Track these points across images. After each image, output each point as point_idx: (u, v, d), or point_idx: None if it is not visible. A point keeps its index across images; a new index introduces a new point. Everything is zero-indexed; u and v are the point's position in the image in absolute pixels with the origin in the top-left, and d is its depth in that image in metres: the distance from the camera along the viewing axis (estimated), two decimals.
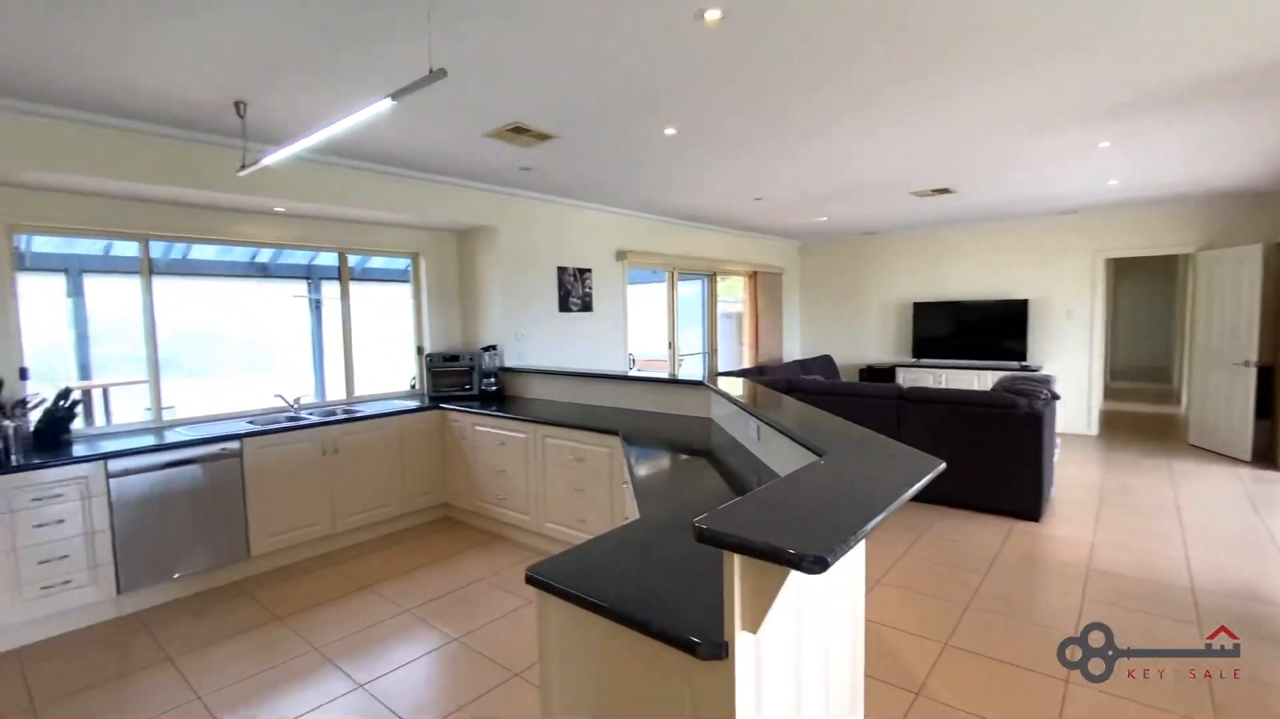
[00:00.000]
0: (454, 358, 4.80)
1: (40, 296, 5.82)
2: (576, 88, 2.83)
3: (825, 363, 7.97)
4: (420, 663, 2.67)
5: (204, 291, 7.53)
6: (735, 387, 3.39)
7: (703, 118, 3.28)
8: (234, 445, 3.49)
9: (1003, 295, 7.35)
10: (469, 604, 3.20)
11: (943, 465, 1.55)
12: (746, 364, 8.11)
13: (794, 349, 8.98)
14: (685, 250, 6.71)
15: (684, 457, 2.80)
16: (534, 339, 5.18)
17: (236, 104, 2.85)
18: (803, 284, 9.06)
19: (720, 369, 7.73)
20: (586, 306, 5.62)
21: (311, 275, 8.34)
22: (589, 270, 5.63)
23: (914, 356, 7.95)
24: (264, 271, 8.00)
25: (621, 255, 5.93)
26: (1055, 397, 4.58)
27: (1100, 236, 6.71)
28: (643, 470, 2.58)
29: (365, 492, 4.08)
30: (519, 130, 3.41)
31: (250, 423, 3.88)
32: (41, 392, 3.31)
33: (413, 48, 2.31)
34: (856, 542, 1.06)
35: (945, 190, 5.39)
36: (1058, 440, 5.04)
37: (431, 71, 1.86)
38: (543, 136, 3.53)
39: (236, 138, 3.28)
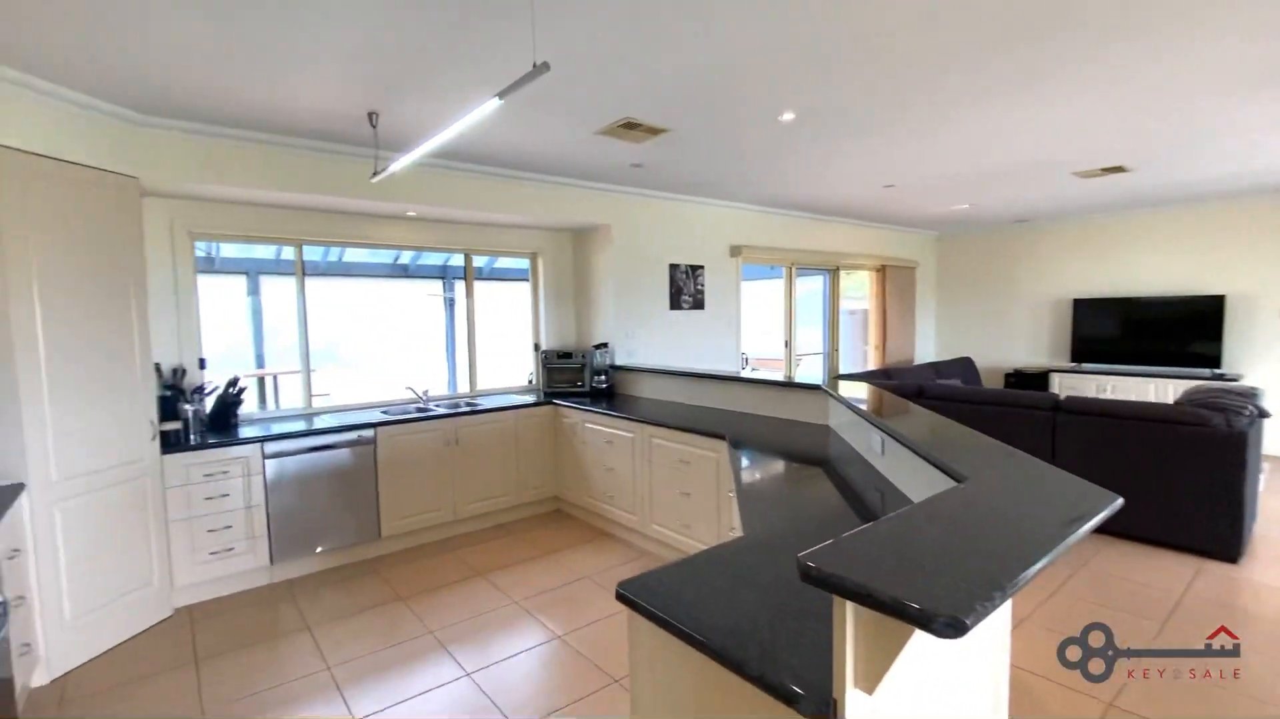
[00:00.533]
0: (567, 355, 4.89)
1: (227, 296, 6.74)
2: (687, 77, 2.71)
3: (964, 366, 7.23)
4: (523, 658, 2.70)
5: (355, 291, 8.33)
6: (856, 391, 3.11)
7: (825, 100, 3.03)
8: (369, 433, 3.77)
9: (1190, 291, 6.24)
10: (574, 602, 3.21)
11: (1119, 502, 1.26)
12: (872, 366, 7.57)
13: (928, 350, 8.25)
14: (805, 244, 6.37)
15: (797, 466, 2.59)
16: (644, 337, 5.14)
17: (370, 115, 3.04)
18: (939, 279, 8.30)
19: (841, 371, 7.27)
20: (698, 304, 5.49)
21: (445, 275, 8.94)
22: (701, 267, 5.49)
23: (1073, 361, 6.99)
24: (404, 272, 8.69)
25: (736, 251, 5.73)
26: (1263, 414, 3.77)
27: None
28: (751, 479, 2.42)
29: (483, 482, 4.25)
30: (630, 125, 3.35)
31: (384, 412, 4.18)
32: (215, 379, 3.76)
33: (518, 45, 2.32)
34: (1004, 599, 0.86)
35: (1118, 169, 4.63)
36: (1264, 466, 4.17)
37: (535, 66, 1.83)
38: (654, 131, 3.45)
39: (369, 147, 3.53)
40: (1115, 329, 6.71)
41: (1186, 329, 6.21)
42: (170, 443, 3.18)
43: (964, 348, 8.05)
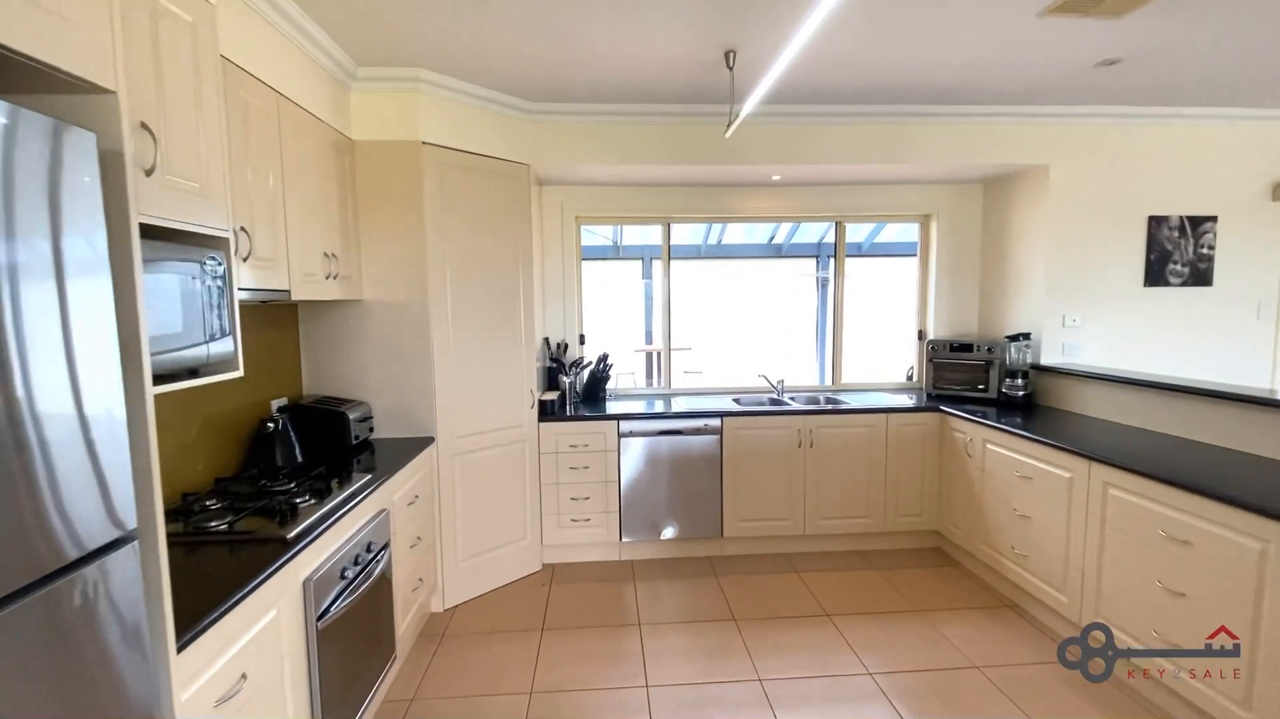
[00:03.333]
0: (965, 347, 3.71)
1: (627, 278, 7.54)
2: None
3: None
4: None
5: (731, 271, 8.42)
6: None
7: None
8: (715, 423, 3.45)
9: None
10: (954, 700, 2.26)
11: None
12: None
13: None
14: None
15: None
16: (1095, 326, 3.54)
17: (726, 54, 2.58)
18: None
19: None
20: (1200, 277, 3.53)
21: (820, 253, 8.32)
22: (1210, 220, 3.50)
23: None
24: (778, 252, 8.40)
25: None
26: None
27: None
28: None
29: (840, 495, 3.53)
30: None
31: (735, 400, 3.84)
32: (599, 354, 3.97)
33: None
34: None
35: None
36: None
37: None
38: None
39: (723, 103, 3.10)
40: None
41: None
42: (546, 412, 3.42)
43: None
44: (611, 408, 3.60)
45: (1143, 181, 3.47)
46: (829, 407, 3.54)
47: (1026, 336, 3.47)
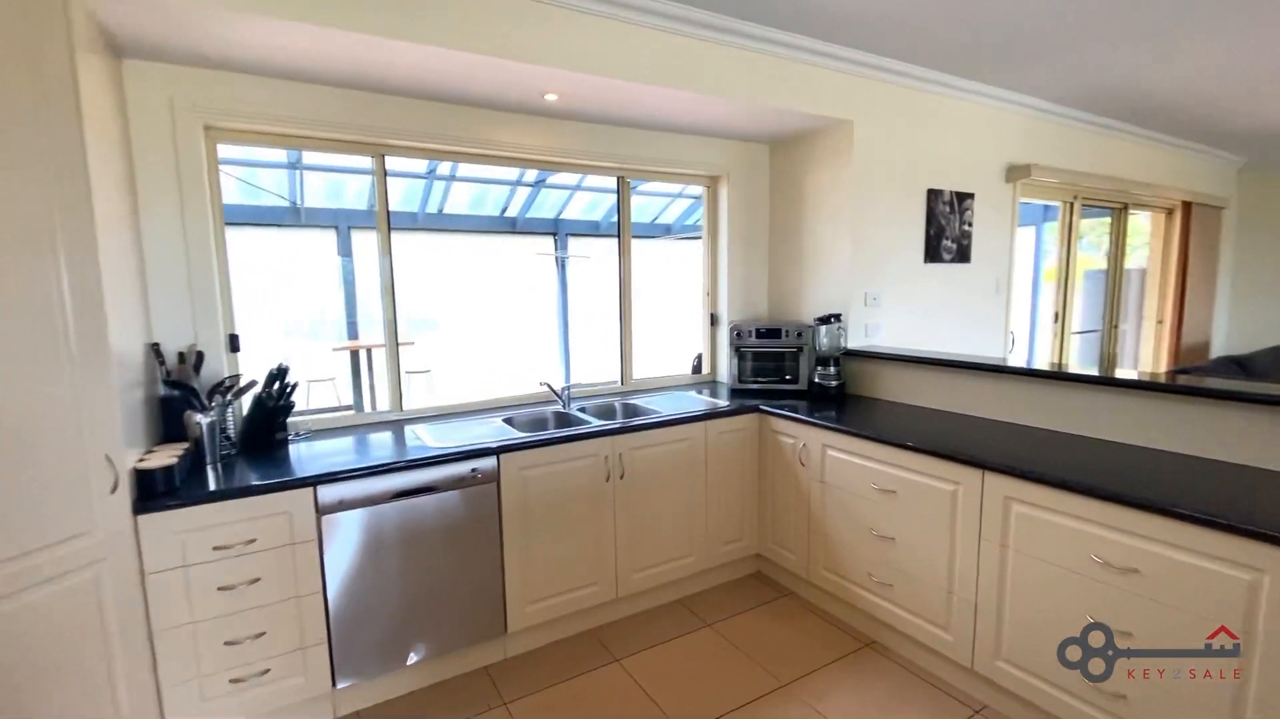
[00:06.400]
0: (774, 333, 3.15)
1: (314, 254, 5.52)
2: None
3: None
4: None
5: (455, 247, 6.91)
6: None
7: None
8: (488, 464, 2.22)
9: None
10: None
11: None
12: (1158, 350, 5.32)
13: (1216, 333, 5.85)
14: (1096, 166, 4.22)
15: None
16: (889, 305, 3.31)
17: None
18: (1241, 227, 5.82)
19: (1118, 356, 5.11)
20: (963, 254, 3.57)
21: (558, 230, 7.37)
22: (970, 196, 3.55)
23: None
24: (512, 226, 7.19)
25: (1016, 173, 3.72)
26: None
27: None
28: None
29: (659, 536, 2.65)
30: None
31: (507, 421, 2.65)
32: (273, 367, 2.33)
33: None
34: None
35: None
36: None
37: None
38: None
39: None
40: None
41: None
42: (155, 490, 1.75)
43: (1272, 327, 5.60)
44: (300, 459, 2.09)
45: (922, 151, 3.31)
46: (641, 420, 2.61)
47: (838, 318, 3.04)
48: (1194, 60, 3.09)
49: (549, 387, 2.89)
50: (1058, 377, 2.34)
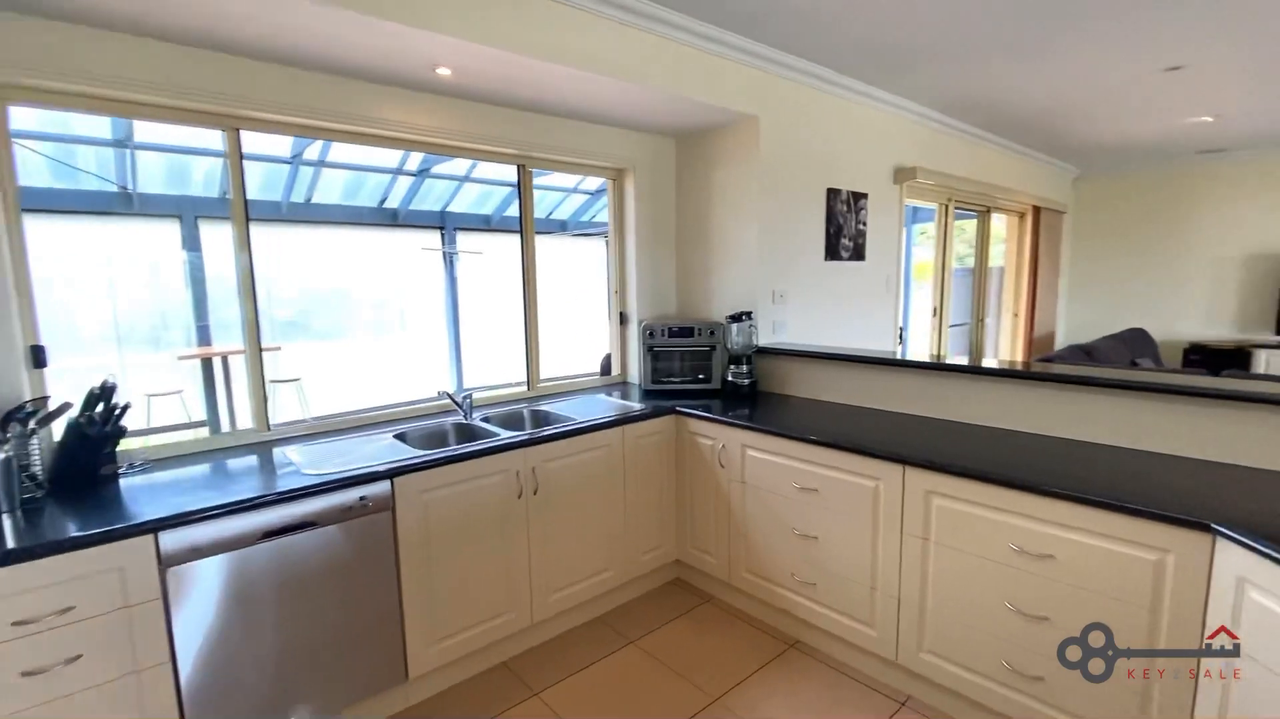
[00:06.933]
0: (687, 331, 3.06)
1: (152, 248, 4.73)
2: None
3: (1133, 342, 5.57)
4: None
5: (327, 241, 6.26)
6: None
7: None
8: (380, 489, 1.93)
9: None
10: None
11: None
12: (1015, 340, 5.88)
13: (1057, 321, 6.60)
14: (967, 171, 4.56)
15: None
16: (794, 302, 3.34)
17: None
18: (1076, 230, 6.60)
19: (987, 348, 5.59)
20: (859, 252, 3.69)
21: (445, 224, 6.90)
22: (864, 196, 3.67)
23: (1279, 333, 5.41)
24: (393, 219, 6.63)
25: (903, 175, 3.91)
26: None
27: None
28: None
29: (576, 552, 2.47)
30: None
31: (399, 438, 2.35)
32: (96, 385, 1.87)
33: None
34: None
35: None
36: None
37: None
38: None
39: None
40: None
41: None
42: None
43: (1103, 317, 6.42)
44: (136, 498, 1.70)
45: (823, 151, 3.37)
46: (555, 429, 2.41)
47: (749, 315, 3.01)
48: (1049, 78, 3.38)
49: (449, 396, 2.61)
50: (962, 370, 2.43)
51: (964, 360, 2.56)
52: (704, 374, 3.08)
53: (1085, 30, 2.75)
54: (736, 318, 3.01)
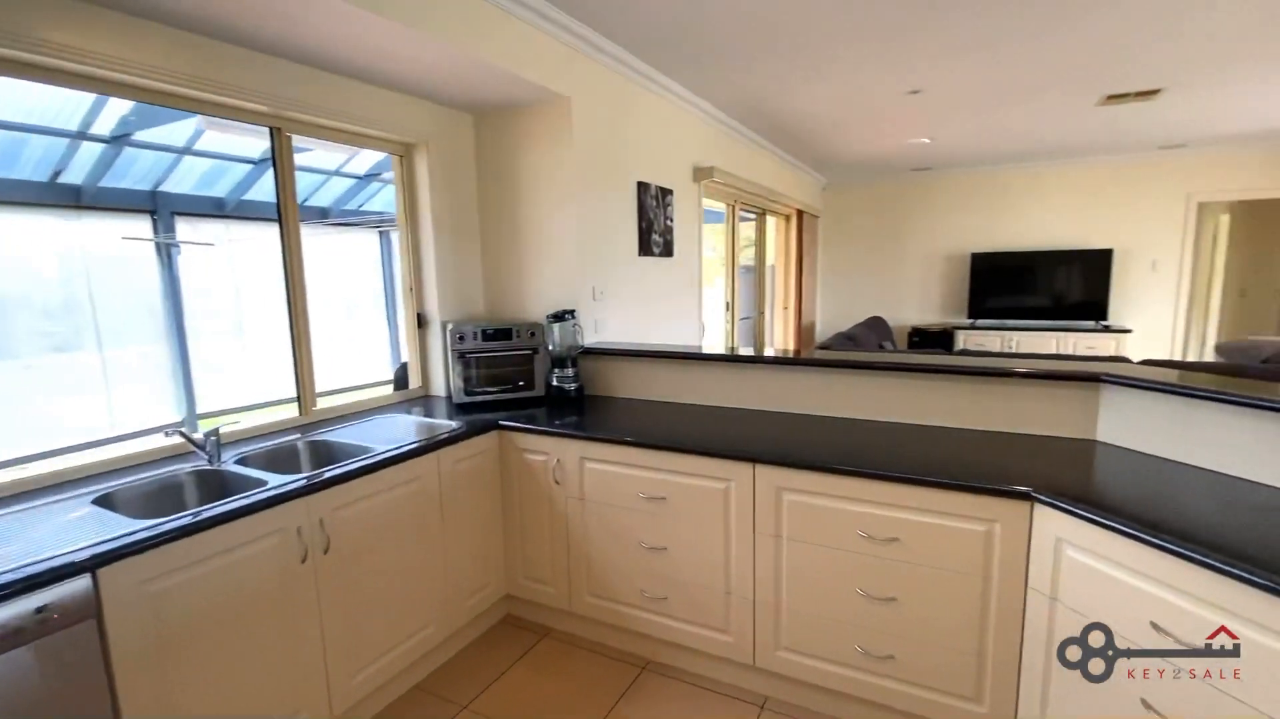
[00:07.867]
0: (504, 333, 2.70)
1: None
2: None
3: (876, 328, 6.56)
4: None
5: None
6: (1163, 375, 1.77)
7: None
8: (74, 590, 1.27)
9: (1081, 245, 6.34)
10: None
11: None
12: (785, 330, 6.53)
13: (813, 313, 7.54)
14: (750, 174, 4.88)
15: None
16: (611, 299, 3.17)
17: None
18: (825, 232, 7.59)
19: (768, 339, 6.09)
20: (668, 249, 3.67)
21: (157, 207, 5.46)
22: (670, 192, 3.65)
23: (970, 317, 6.83)
24: (75, 198, 5.05)
25: (701, 174, 4.00)
26: None
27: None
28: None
29: (386, 613, 1.99)
30: None
31: (101, 503, 1.63)
32: None
33: None
34: None
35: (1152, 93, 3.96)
36: None
37: None
38: None
39: None
40: (1008, 284, 6.65)
41: (1077, 282, 6.33)
42: None
43: (847, 308, 7.52)
44: None
45: (631, 141, 3.25)
46: (347, 467, 1.88)
47: (572, 314, 2.76)
48: (819, 91, 3.72)
49: (180, 433, 1.91)
50: (785, 362, 2.48)
51: (777, 353, 2.64)
52: (524, 381, 2.76)
53: (859, 49, 3.03)
54: (559, 317, 2.74)
